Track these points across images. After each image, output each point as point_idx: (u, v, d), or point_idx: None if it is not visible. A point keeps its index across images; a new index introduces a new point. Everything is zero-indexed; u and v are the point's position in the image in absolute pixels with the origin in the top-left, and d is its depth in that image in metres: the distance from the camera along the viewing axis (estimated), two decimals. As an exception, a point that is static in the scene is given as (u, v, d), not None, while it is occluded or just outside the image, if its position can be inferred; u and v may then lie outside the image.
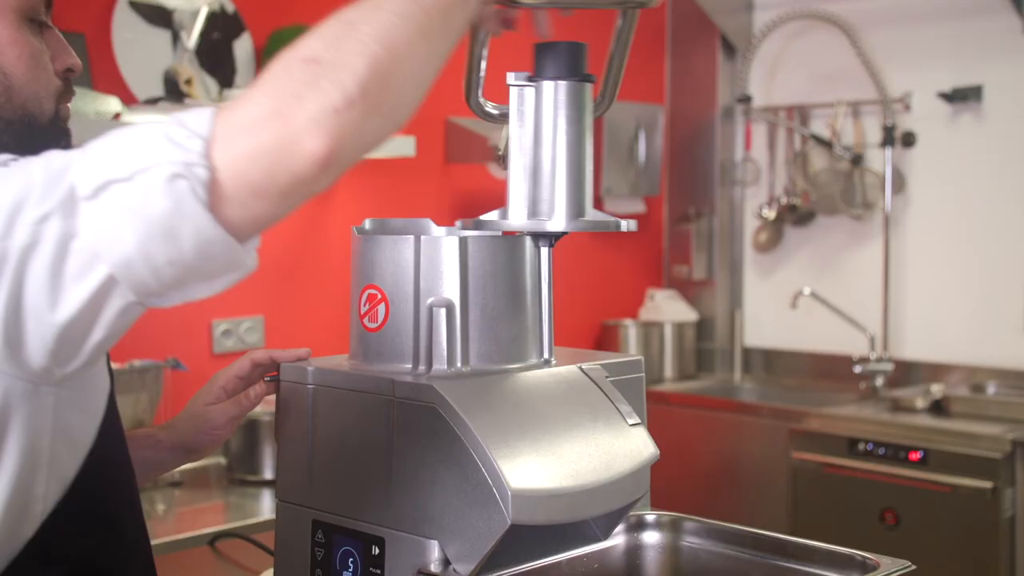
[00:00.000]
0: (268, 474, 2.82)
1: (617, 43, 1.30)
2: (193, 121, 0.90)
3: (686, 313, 4.37)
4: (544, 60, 1.28)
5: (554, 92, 1.28)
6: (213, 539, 2.18)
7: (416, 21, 0.95)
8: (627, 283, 4.42)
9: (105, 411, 1.10)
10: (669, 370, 4.29)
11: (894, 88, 3.95)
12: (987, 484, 3.10)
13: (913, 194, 3.97)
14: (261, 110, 0.89)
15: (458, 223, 1.33)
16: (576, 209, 1.29)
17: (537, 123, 1.29)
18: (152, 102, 2.84)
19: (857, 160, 3.99)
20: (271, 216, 0.91)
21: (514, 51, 1.38)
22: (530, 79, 1.29)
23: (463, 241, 1.29)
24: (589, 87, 1.30)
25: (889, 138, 3.90)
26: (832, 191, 4.03)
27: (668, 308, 4.34)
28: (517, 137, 1.30)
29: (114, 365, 2.82)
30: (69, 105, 1.17)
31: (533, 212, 1.29)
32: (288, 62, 0.91)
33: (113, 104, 2.68)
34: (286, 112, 0.88)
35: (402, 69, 0.93)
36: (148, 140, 0.89)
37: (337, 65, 0.90)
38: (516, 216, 1.30)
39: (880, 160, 3.96)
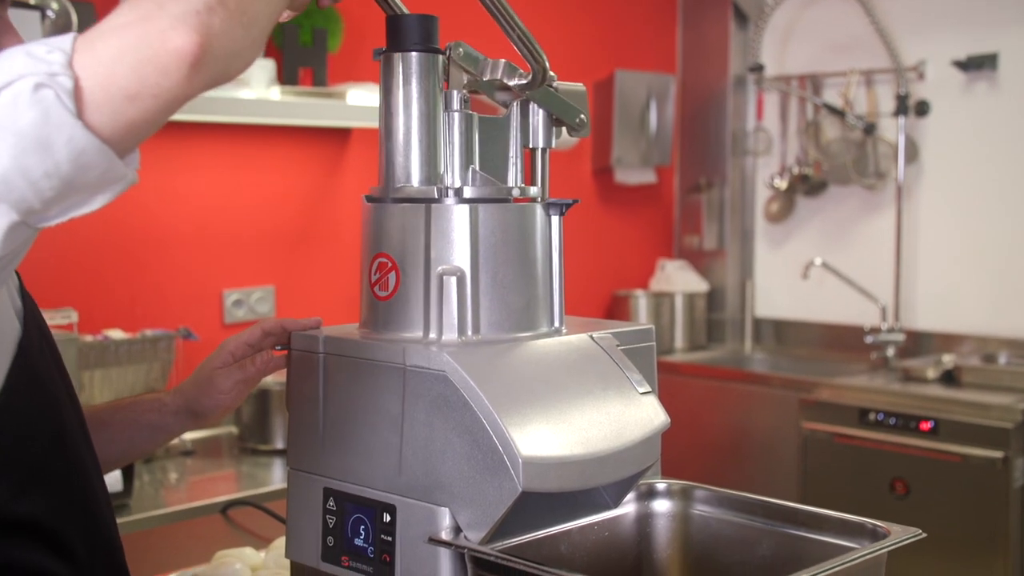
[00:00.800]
0: (279, 443, 2.84)
1: (496, 15, 1.29)
2: (54, 39, 0.88)
3: (697, 283, 4.37)
4: (391, 32, 1.30)
5: (402, 63, 1.28)
6: (225, 507, 2.20)
7: None
8: (638, 253, 4.41)
9: (16, 361, 1.08)
10: (680, 340, 4.29)
11: (908, 56, 3.92)
12: (998, 454, 3.10)
13: (926, 164, 3.95)
14: (122, 19, 0.88)
15: (364, 197, 1.34)
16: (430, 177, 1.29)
17: (390, 93, 1.29)
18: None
19: (870, 129, 3.96)
20: (146, 122, 0.89)
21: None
22: (384, 52, 1.29)
23: (474, 209, 1.28)
24: (437, 58, 1.28)
25: (902, 107, 3.88)
26: (844, 161, 4.01)
27: (679, 278, 4.33)
28: (380, 107, 1.30)
29: (126, 335, 2.85)
30: None
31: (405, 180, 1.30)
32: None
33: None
34: (149, 16, 0.87)
35: None
36: (8, 57, 0.86)
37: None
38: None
39: (893, 129, 3.93)
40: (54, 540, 1.12)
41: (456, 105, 1.31)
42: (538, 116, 1.38)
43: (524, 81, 1.34)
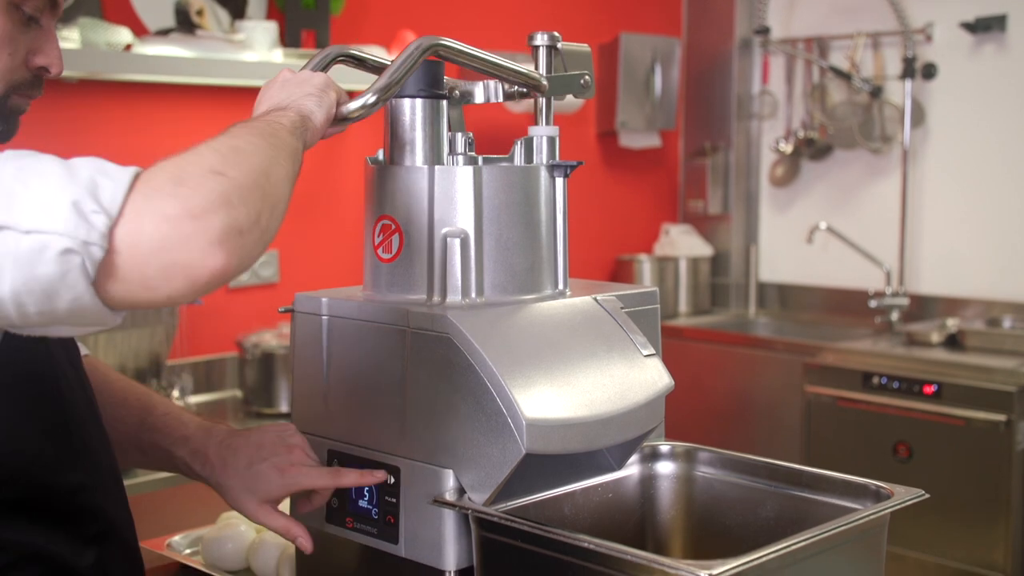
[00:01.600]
0: (284, 407, 2.85)
1: (481, 70, 1.33)
2: (107, 193, 0.88)
3: (701, 248, 4.36)
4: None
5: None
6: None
7: (284, 149, 1.03)
8: (642, 218, 4.40)
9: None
10: (684, 305, 4.29)
11: (915, 18, 3.89)
12: (1000, 417, 3.11)
13: (932, 127, 3.92)
14: (174, 209, 0.89)
15: (367, 159, 1.35)
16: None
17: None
18: (163, 33, 2.81)
19: (876, 92, 3.93)
20: (148, 305, 0.92)
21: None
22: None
23: (477, 171, 1.28)
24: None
25: (909, 70, 3.85)
26: (850, 124, 3.98)
27: (683, 243, 4.32)
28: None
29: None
30: (29, 100, 1.15)
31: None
32: (194, 166, 0.92)
33: (124, 35, 2.66)
34: (199, 219, 0.89)
35: (281, 195, 0.99)
36: (57, 199, 0.87)
37: (243, 186, 0.93)
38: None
39: (899, 93, 3.91)
40: (60, 520, 1.13)
41: (460, 149, 1.33)
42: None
43: (524, 90, 1.36)
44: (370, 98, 1.20)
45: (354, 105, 1.19)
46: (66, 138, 2.69)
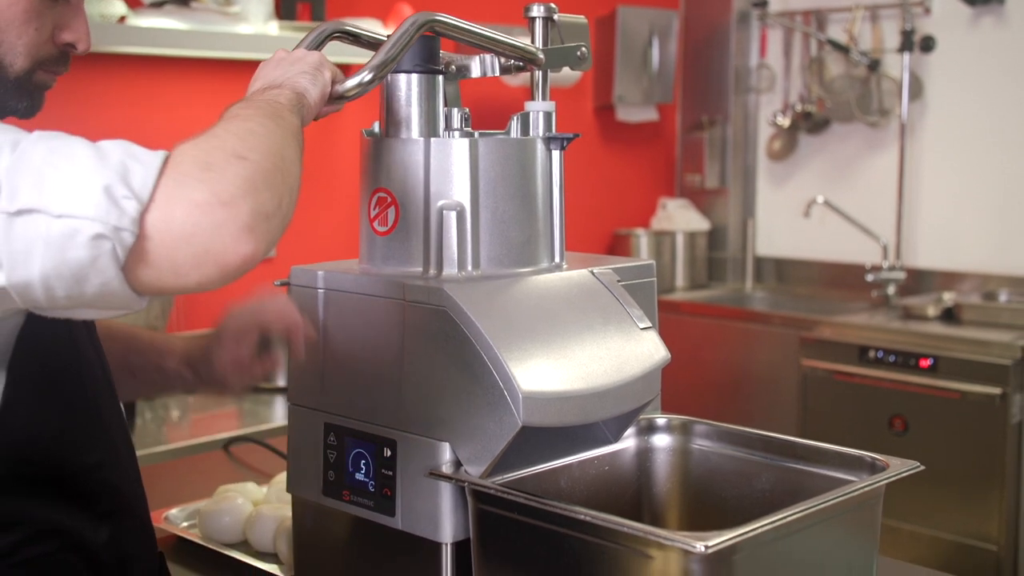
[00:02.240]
0: (281, 381, 2.84)
1: (480, 46, 1.32)
2: (137, 178, 0.88)
3: (698, 222, 4.35)
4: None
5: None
6: (227, 444, 2.21)
7: (290, 129, 1.04)
8: (639, 192, 4.39)
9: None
10: (681, 279, 4.29)
11: (914, -9, 3.87)
12: (996, 390, 3.11)
13: (930, 100, 3.91)
14: (204, 195, 0.89)
15: (363, 132, 1.35)
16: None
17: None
18: (158, 5, 2.79)
19: (874, 66, 3.92)
20: (177, 291, 0.93)
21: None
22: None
23: (473, 143, 1.27)
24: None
25: (908, 43, 3.83)
26: (848, 98, 3.97)
27: (680, 217, 4.32)
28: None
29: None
30: (55, 76, 1.15)
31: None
32: (219, 151, 0.93)
33: (118, 7, 2.64)
34: (229, 205, 0.89)
35: (296, 176, 1.01)
36: (88, 184, 0.87)
37: (266, 170, 0.94)
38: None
39: (898, 66, 3.89)
40: (78, 496, 1.13)
41: (456, 124, 1.32)
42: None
43: (521, 64, 1.35)
44: (366, 76, 1.19)
45: (350, 83, 1.19)
46: (58, 112, 2.67)
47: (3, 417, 1.07)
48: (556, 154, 1.35)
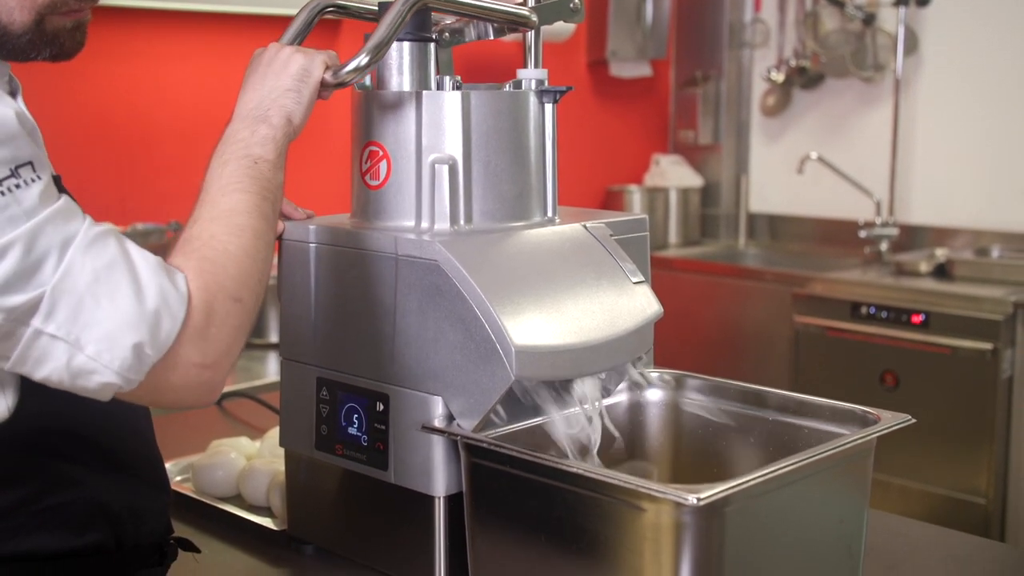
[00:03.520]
0: (274, 337, 2.84)
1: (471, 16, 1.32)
2: (164, 333, 0.95)
3: (691, 178, 4.34)
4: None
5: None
6: (220, 399, 2.21)
7: (272, 201, 1.11)
8: (632, 148, 4.38)
9: None
10: (674, 236, 4.28)
11: (910, -56, 3.83)
12: (987, 346, 3.13)
13: (925, 55, 3.89)
14: (200, 358, 0.99)
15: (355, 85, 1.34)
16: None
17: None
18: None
19: (869, 20, 3.89)
20: (143, 404, 1.04)
21: None
22: None
23: (465, 96, 1.26)
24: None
25: (903, -3, 3.80)
26: (842, 53, 3.95)
27: (673, 173, 4.31)
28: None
29: (118, 227, 2.82)
30: (73, 16, 1.07)
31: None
32: (220, 289, 1.01)
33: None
34: (213, 368, 1.00)
35: (267, 272, 1.10)
36: (122, 340, 0.93)
37: (253, 307, 1.05)
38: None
39: (893, 20, 3.86)
40: (90, 450, 1.14)
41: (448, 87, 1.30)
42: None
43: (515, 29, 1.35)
44: (363, 59, 1.19)
45: (348, 68, 1.19)
46: (67, 66, 2.65)
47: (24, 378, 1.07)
48: (549, 107, 1.34)
